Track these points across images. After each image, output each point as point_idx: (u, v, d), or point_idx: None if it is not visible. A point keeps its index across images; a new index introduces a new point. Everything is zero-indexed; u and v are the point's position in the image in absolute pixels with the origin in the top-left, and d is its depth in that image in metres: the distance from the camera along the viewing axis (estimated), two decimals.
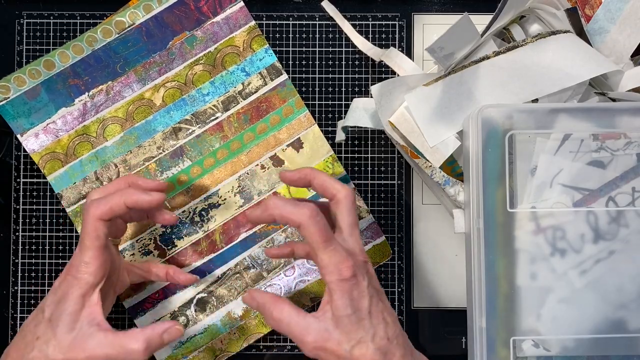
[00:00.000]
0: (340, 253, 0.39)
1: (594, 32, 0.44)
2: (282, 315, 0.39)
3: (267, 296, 0.41)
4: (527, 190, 0.42)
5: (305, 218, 0.38)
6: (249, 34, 0.50)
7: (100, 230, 0.41)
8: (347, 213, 0.41)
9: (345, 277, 0.38)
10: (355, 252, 0.40)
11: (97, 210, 0.41)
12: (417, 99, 0.43)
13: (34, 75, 0.50)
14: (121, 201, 0.41)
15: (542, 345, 0.42)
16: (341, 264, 0.38)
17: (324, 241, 0.38)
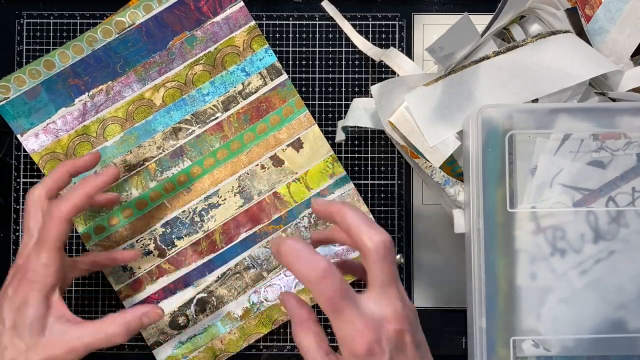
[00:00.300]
0: (355, 325, 0.32)
1: (594, 32, 0.44)
2: (303, 342, 0.35)
3: (295, 310, 0.36)
4: (527, 190, 0.42)
5: (313, 279, 0.32)
6: (249, 34, 0.50)
7: (63, 231, 0.41)
8: (378, 269, 0.34)
9: (357, 354, 0.32)
10: (385, 318, 0.33)
11: (63, 210, 0.41)
12: (417, 99, 0.43)
13: (34, 75, 0.50)
14: (83, 194, 0.41)
15: (542, 345, 0.42)
16: (355, 338, 0.32)
17: (332, 311, 0.33)
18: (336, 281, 0.33)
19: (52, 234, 0.40)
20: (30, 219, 0.42)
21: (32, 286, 0.39)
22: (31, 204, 0.42)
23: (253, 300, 0.50)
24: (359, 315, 0.33)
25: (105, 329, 0.40)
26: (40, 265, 0.40)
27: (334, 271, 0.33)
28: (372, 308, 0.33)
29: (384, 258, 0.33)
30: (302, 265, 0.33)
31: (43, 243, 0.40)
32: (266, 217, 0.50)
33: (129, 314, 0.41)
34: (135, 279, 0.50)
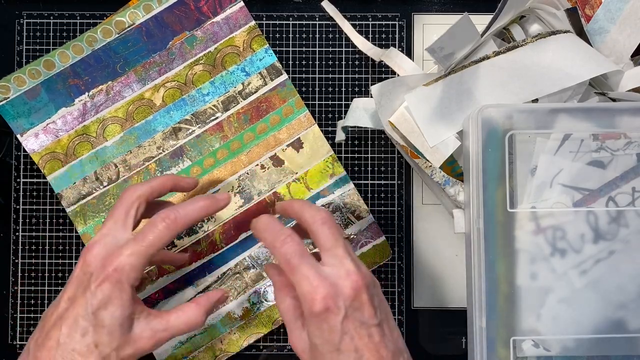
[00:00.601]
0: (310, 281, 0.36)
1: (594, 32, 0.44)
2: (282, 305, 0.40)
3: (276, 277, 0.40)
4: (527, 190, 0.42)
5: (277, 243, 0.38)
6: (249, 34, 0.50)
7: (166, 239, 0.39)
8: (320, 235, 0.38)
9: (314, 310, 0.36)
10: (340, 277, 0.37)
11: (179, 221, 0.39)
12: (417, 99, 0.43)
13: (34, 75, 0.50)
14: (198, 212, 0.40)
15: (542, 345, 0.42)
16: (311, 294, 0.36)
17: (291, 269, 0.37)
18: (295, 243, 0.37)
19: (153, 239, 0.39)
20: (128, 215, 0.40)
21: (118, 286, 0.38)
22: (131, 200, 0.41)
23: (253, 300, 0.50)
24: (314, 273, 0.36)
25: (185, 318, 0.40)
26: (129, 265, 0.38)
27: (294, 237, 0.38)
28: (327, 270, 0.37)
29: (323, 224, 0.38)
30: (268, 234, 0.38)
31: (138, 244, 0.38)
32: None
33: (204, 300, 0.42)
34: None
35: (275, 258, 0.38)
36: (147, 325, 0.39)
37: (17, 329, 0.51)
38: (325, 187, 0.50)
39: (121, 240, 0.39)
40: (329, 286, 0.36)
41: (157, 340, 0.39)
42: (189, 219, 0.40)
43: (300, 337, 0.38)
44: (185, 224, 0.40)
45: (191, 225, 0.40)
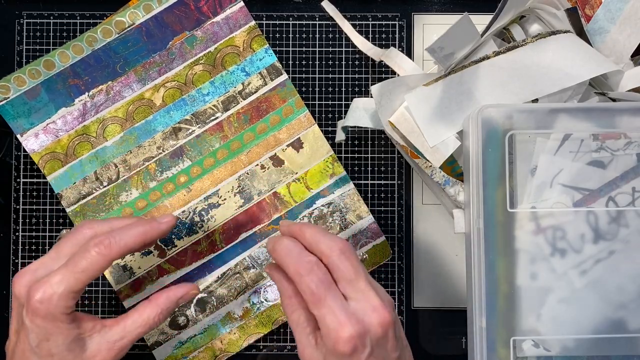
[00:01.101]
0: (337, 316, 0.34)
1: (594, 32, 0.44)
2: (292, 316, 0.38)
3: (284, 283, 0.38)
4: (527, 190, 0.42)
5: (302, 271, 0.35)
6: (249, 34, 0.50)
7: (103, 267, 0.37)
8: (339, 267, 0.35)
9: (338, 347, 0.34)
10: (366, 313, 0.35)
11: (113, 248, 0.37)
12: (417, 99, 0.43)
13: (34, 75, 0.50)
14: (135, 237, 0.38)
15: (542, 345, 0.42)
16: (337, 330, 0.34)
17: (316, 301, 0.35)
18: (321, 273, 0.35)
19: (86, 265, 0.37)
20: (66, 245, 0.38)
21: (50, 318, 0.36)
22: (84, 239, 0.39)
23: (253, 300, 0.50)
24: (341, 306, 0.34)
25: (142, 321, 0.39)
26: (57, 295, 0.36)
27: (320, 266, 0.35)
28: (352, 305, 0.35)
29: (342, 255, 0.35)
30: (291, 259, 0.36)
31: (68, 271, 0.36)
32: (266, 217, 0.50)
33: (163, 299, 0.40)
34: (135, 279, 0.50)
35: (299, 287, 0.35)
36: (102, 339, 0.38)
37: None
38: (325, 187, 0.50)
39: (52, 269, 0.37)
40: (356, 324, 0.34)
41: (118, 351, 0.38)
42: (125, 247, 0.38)
43: (313, 354, 0.36)
44: (120, 251, 0.37)
45: (129, 252, 0.38)
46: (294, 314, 0.37)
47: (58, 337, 0.36)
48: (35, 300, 0.35)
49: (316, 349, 0.36)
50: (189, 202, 0.50)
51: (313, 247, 0.37)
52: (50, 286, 0.36)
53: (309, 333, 0.37)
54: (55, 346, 0.36)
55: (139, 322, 0.39)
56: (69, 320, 0.36)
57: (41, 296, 0.35)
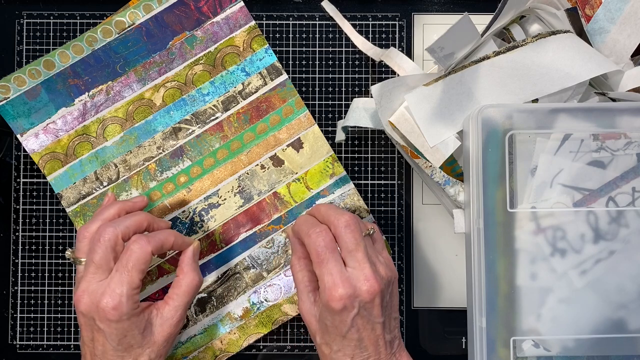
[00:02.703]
0: (334, 277, 0.39)
1: (594, 32, 0.44)
2: (298, 274, 0.43)
3: (297, 246, 0.44)
4: (527, 190, 0.42)
5: (311, 233, 0.41)
6: (249, 34, 0.50)
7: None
8: (343, 237, 0.41)
9: (331, 303, 0.39)
10: (359, 279, 0.40)
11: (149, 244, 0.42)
12: (417, 99, 0.43)
13: (34, 75, 0.50)
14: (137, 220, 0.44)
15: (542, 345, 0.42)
16: (332, 289, 0.39)
17: (319, 261, 0.40)
18: (328, 238, 0.40)
19: (135, 262, 0.42)
20: (108, 260, 0.42)
21: (124, 318, 0.41)
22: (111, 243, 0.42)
23: (253, 300, 0.50)
24: (339, 270, 0.40)
25: (184, 288, 0.44)
26: (124, 297, 0.41)
27: (328, 232, 0.41)
28: (349, 270, 0.40)
29: (347, 227, 0.40)
30: (306, 225, 0.42)
31: (122, 275, 0.41)
32: (266, 217, 0.50)
33: (186, 256, 0.45)
34: None
35: (307, 247, 0.41)
36: (161, 319, 0.43)
37: (17, 329, 0.51)
38: (325, 187, 0.50)
39: (101, 279, 0.42)
40: (349, 287, 0.39)
41: (177, 323, 0.44)
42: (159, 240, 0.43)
43: (310, 309, 0.42)
44: (156, 243, 0.42)
45: (162, 243, 0.43)
46: (300, 274, 0.43)
47: (134, 330, 0.41)
48: (108, 309, 0.40)
49: (314, 305, 0.42)
50: (189, 202, 0.50)
51: (325, 220, 0.42)
52: (113, 292, 0.40)
53: (309, 291, 0.43)
54: (132, 338, 0.41)
55: (181, 293, 0.44)
56: (138, 314, 0.42)
57: (112, 303, 0.40)
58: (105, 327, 0.41)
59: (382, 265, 0.41)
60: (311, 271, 0.43)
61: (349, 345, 0.41)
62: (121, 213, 0.45)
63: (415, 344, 0.51)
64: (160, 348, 0.43)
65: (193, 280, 0.44)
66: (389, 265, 0.42)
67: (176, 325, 0.44)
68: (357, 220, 0.42)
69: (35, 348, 0.51)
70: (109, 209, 0.45)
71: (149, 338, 0.42)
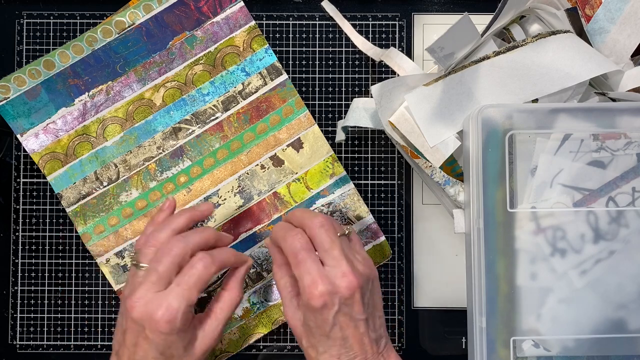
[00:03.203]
0: (312, 276, 0.40)
1: (594, 32, 0.44)
2: (280, 281, 0.44)
3: (277, 254, 0.44)
4: (527, 190, 0.42)
5: (287, 236, 0.41)
6: (249, 34, 0.50)
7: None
8: (318, 237, 0.41)
9: (311, 302, 0.40)
10: (337, 276, 0.40)
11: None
12: (417, 99, 0.43)
13: (34, 75, 0.50)
14: (206, 236, 0.44)
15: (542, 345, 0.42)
16: (311, 287, 0.39)
17: (296, 261, 0.40)
18: (304, 240, 0.41)
19: (195, 281, 0.42)
20: (172, 272, 0.42)
21: (174, 332, 0.41)
22: (180, 257, 0.42)
23: (253, 301, 0.50)
24: (317, 269, 0.40)
25: (228, 303, 0.45)
26: (180, 312, 0.41)
27: (303, 234, 0.41)
28: (327, 268, 0.40)
29: (321, 228, 0.41)
30: (281, 230, 0.43)
31: (181, 289, 0.41)
32: (266, 217, 0.50)
33: (238, 274, 0.46)
34: None
35: (284, 250, 0.42)
36: (203, 332, 0.43)
37: (17, 329, 0.51)
38: (325, 187, 0.50)
39: (159, 290, 0.41)
40: (327, 284, 0.40)
41: (217, 337, 0.44)
42: (222, 261, 0.43)
43: (294, 314, 0.43)
44: (220, 265, 0.43)
45: (225, 265, 0.44)
46: (282, 280, 0.44)
47: (178, 344, 0.41)
48: (163, 321, 0.40)
49: (297, 310, 0.43)
50: (189, 202, 0.50)
51: (300, 223, 0.43)
52: (171, 306, 0.40)
53: (292, 297, 0.43)
54: (175, 350, 0.42)
55: (225, 308, 0.44)
56: (186, 329, 0.42)
57: (167, 317, 0.40)
58: (154, 337, 0.40)
59: (360, 263, 0.42)
60: (292, 277, 0.43)
61: (334, 346, 0.41)
62: (190, 223, 0.45)
63: (415, 344, 0.51)
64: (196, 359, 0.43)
65: (237, 297, 0.45)
66: (367, 262, 0.42)
67: (216, 339, 0.44)
68: (331, 220, 0.42)
69: (35, 348, 0.51)
70: (179, 218, 0.44)
71: (190, 350, 0.43)
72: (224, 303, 0.44)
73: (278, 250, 0.44)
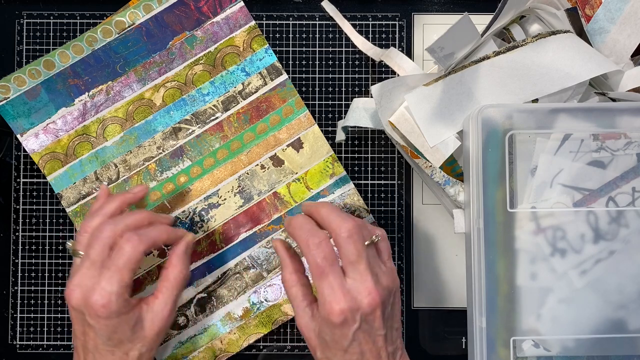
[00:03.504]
0: (334, 291, 0.38)
1: (594, 32, 0.44)
2: (291, 290, 0.42)
3: (287, 260, 0.43)
4: (527, 190, 0.42)
5: (311, 244, 0.39)
6: (249, 34, 0.50)
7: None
8: (344, 248, 0.39)
9: (331, 317, 0.38)
10: (360, 292, 0.38)
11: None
12: (417, 99, 0.43)
13: (34, 75, 0.50)
14: (138, 218, 0.43)
15: (542, 345, 0.42)
16: (332, 303, 0.38)
17: (319, 274, 0.39)
18: (328, 249, 0.39)
19: (125, 260, 0.41)
20: (103, 256, 0.42)
21: (114, 315, 0.41)
22: (108, 240, 0.42)
23: (253, 300, 0.50)
24: (340, 283, 0.38)
25: (173, 281, 0.44)
26: (114, 295, 0.40)
27: (328, 243, 0.39)
28: (349, 282, 0.39)
29: (349, 238, 0.39)
30: (304, 233, 0.40)
31: (112, 271, 0.41)
32: (266, 217, 0.50)
33: (177, 250, 0.45)
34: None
35: (306, 258, 0.39)
36: (151, 313, 0.43)
37: (17, 329, 0.51)
38: (325, 187, 0.50)
39: (94, 275, 0.41)
40: (350, 300, 0.38)
41: (167, 317, 0.43)
42: (150, 238, 0.42)
43: (308, 324, 0.41)
44: (148, 242, 0.42)
45: (154, 243, 0.43)
46: (293, 289, 0.42)
47: (124, 326, 0.41)
48: (98, 306, 0.40)
49: (312, 320, 0.41)
50: (188, 202, 0.50)
51: (325, 224, 0.40)
52: (103, 290, 0.40)
53: (306, 306, 0.41)
54: (122, 334, 0.41)
55: (170, 287, 0.43)
56: (128, 311, 0.41)
57: (101, 301, 0.40)
58: (94, 323, 0.41)
59: (385, 275, 0.40)
60: (305, 285, 0.42)
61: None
62: (123, 206, 0.45)
63: (415, 344, 0.51)
64: (151, 342, 0.43)
65: (180, 273, 0.44)
66: (392, 274, 0.41)
67: (167, 319, 0.43)
68: (361, 227, 0.40)
69: (35, 348, 0.51)
70: (111, 203, 0.44)
71: (140, 333, 0.42)
72: (168, 281, 0.44)
73: (289, 254, 0.43)
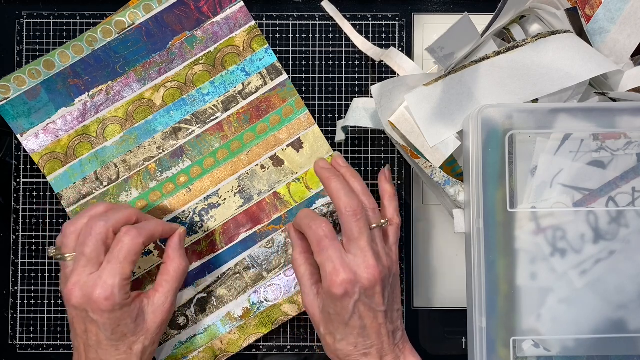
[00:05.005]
0: (334, 264, 0.40)
1: (594, 32, 0.44)
2: (300, 269, 0.44)
3: (298, 241, 0.45)
4: (527, 190, 0.42)
5: (312, 224, 0.42)
6: (249, 34, 0.50)
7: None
8: (347, 225, 0.41)
9: (332, 289, 0.40)
10: (359, 267, 0.41)
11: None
12: (417, 99, 0.43)
13: (34, 75, 0.50)
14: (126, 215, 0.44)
15: (542, 345, 0.42)
16: (333, 275, 0.40)
17: (320, 249, 0.41)
18: (328, 228, 0.41)
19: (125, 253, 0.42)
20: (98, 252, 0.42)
21: (117, 308, 0.41)
22: (101, 236, 0.43)
23: (253, 300, 0.50)
24: (339, 257, 0.41)
25: (172, 274, 0.45)
26: (116, 288, 0.41)
27: (329, 223, 0.42)
28: (350, 257, 0.41)
29: (353, 216, 0.41)
30: (306, 219, 0.43)
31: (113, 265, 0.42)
32: (266, 217, 0.50)
33: (172, 243, 0.46)
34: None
35: (308, 237, 0.42)
36: (153, 306, 0.44)
37: (17, 329, 0.51)
38: None
39: (92, 272, 0.42)
40: (349, 273, 0.40)
41: (168, 309, 0.44)
42: (149, 230, 0.44)
43: (313, 302, 0.44)
44: (147, 234, 0.43)
45: (152, 236, 0.44)
46: (302, 267, 0.44)
47: (126, 319, 0.42)
48: (101, 300, 0.41)
49: (317, 297, 0.44)
50: (189, 202, 0.50)
51: (333, 199, 0.42)
52: (105, 284, 0.41)
53: (312, 284, 0.44)
54: (125, 327, 0.42)
55: (170, 280, 0.45)
56: (130, 303, 0.42)
57: (104, 294, 0.41)
58: (98, 318, 0.41)
59: (386, 256, 0.42)
60: (313, 264, 0.44)
61: (351, 334, 0.41)
62: (108, 209, 0.45)
63: (415, 344, 0.51)
64: (153, 335, 0.44)
65: (180, 265, 0.45)
66: (392, 257, 0.43)
67: (167, 312, 0.44)
68: (365, 210, 0.42)
69: (35, 348, 0.51)
70: (97, 206, 0.45)
71: (142, 326, 0.43)
72: (168, 274, 0.45)
73: (300, 236, 0.45)
